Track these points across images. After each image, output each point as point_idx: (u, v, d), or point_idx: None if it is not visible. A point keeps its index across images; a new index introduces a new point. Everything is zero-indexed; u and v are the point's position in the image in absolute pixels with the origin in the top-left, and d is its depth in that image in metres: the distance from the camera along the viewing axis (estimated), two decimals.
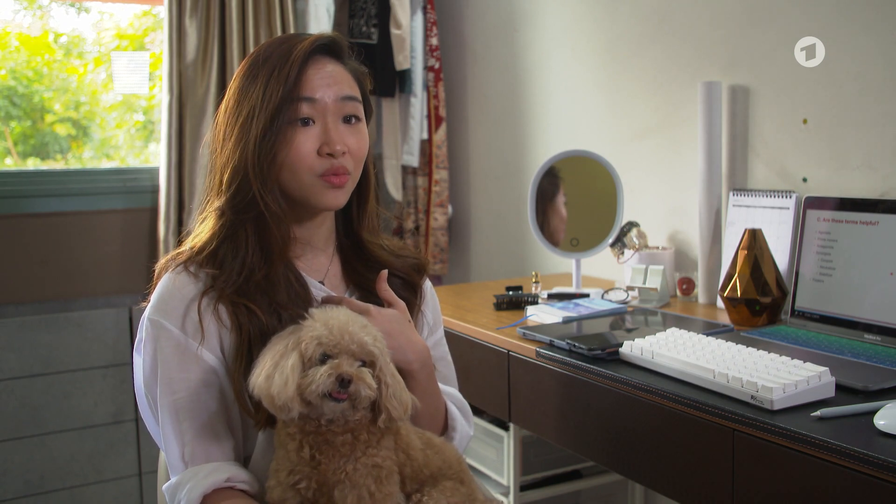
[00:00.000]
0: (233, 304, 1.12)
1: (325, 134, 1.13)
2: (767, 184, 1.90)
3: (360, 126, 1.18)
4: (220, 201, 1.16)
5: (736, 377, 1.23)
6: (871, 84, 1.67)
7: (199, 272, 1.14)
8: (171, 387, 1.11)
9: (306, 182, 1.14)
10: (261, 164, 1.11)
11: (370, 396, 1.01)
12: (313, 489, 1.02)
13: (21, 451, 2.62)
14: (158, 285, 1.16)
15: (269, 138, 1.11)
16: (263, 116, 1.10)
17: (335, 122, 1.14)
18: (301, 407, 1.00)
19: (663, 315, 1.77)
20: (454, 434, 1.27)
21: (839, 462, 1.03)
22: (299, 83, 1.12)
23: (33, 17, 2.82)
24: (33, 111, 2.83)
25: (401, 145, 2.94)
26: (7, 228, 2.58)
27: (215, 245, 1.15)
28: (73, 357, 2.67)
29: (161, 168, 2.66)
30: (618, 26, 2.30)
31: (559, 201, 2.10)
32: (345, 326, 1.02)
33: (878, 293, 1.50)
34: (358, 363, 1.02)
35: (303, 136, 1.12)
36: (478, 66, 2.93)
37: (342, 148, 1.14)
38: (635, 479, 1.41)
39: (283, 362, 1.00)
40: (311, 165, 1.13)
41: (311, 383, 0.98)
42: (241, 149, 1.12)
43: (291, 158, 1.12)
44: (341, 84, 1.16)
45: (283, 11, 2.73)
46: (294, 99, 1.12)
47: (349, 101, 1.16)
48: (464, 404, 1.35)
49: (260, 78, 1.13)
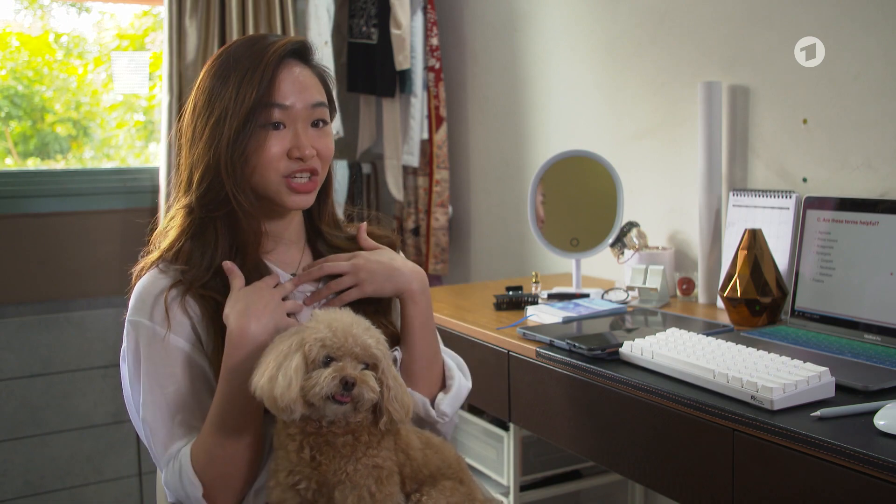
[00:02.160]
0: (201, 297, 1.16)
1: (295, 138, 1.18)
2: (767, 184, 1.90)
3: (327, 129, 1.24)
4: (187, 199, 1.20)
5: (736, 377, 1.23)
6: (871, 84, 1.67)
7: (168, 269, 1.19)
8: (159, 381, 1.14)
9: (273, 182, 1.18)
10: (233, 164, 1.15)
11: (373, 399, 1.01)
12: (313, 490, 1.03)
13: (21, 451, 2.62)
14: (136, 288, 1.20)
15: (242, 140, 1.15)
16: (236, 118, 1.14)
17: (304, 127, 1.19)
18: (304, 409, 1.00)
19: (663, 315, 1.77)
20: (451, 383, 1.29)
21: (839, 462, 1.03)
22: (272, 88, 1.16)
23: (34, 17, 2.82)
24: (33, 111, 2.83)
25: (401, 145, 2.94)
26: (7, 228, 2.58)
27: (184, 242, 1.20)
28: (72, 357, 2.67)
29: (161, 168, 2.66)
30: (618, 26, 2.30)
31: (537, 198, 2.09)
32: (348, 329, 1.03)
33: (878, 293, 1.49)
34: (361, 366, 1.02)
35: (273, 140, 1.17)
36: (478, 66, 2.93)
37: (311, 152, 1.18)
38: (635, 479, 1.41)
39: (287, 364, 1.00)
40: (278, 167, 1.17)
41: (314, 386, 0.99)
42: (214, 148, 1.15)
43: (262, 160, 1.16)
44: (311, 90, 1.20)
45: (283, 11, 2.73)
46: (266, 104, 1.16)
47: (318, 108, 1.21)
48: (459, 359, 1.37)
49: (232, 80, 1.16)
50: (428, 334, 1.27)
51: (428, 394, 1.26)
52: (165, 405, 1.14)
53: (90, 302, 2.71)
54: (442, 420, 1.25)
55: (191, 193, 1.19)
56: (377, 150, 3.06)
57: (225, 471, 1.10)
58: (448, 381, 1.29)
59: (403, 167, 3.00)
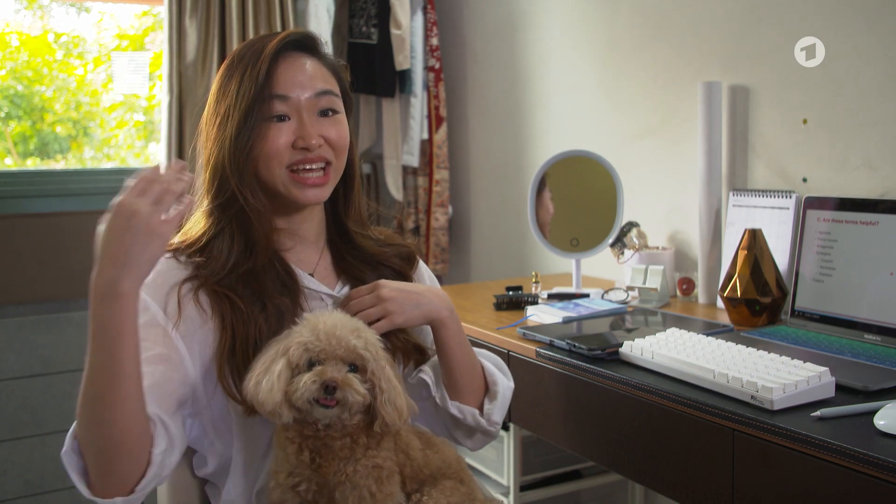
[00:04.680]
0: (215, 294, 1.13)
1: (300, 128, 1.15)
2: (767, 184, 1.90)
3: (339, 117, 1.20)
4: (207, 201, 1.19)
5: (736, 377, 1.23)
6: (871, 84, 1.67)
7: (187, 262, 1.16)
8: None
9: (279, 175, 1.16)
10: (236, 160, 1.13)
11: (360, 402, 1.01)
12: (314, 491, 1.03)
13: (21, 451, 2.62)
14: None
15: (244, 135, 1.13)
16: (237, 114, 1.13)
17: (310, 116, 1.16)
18: (291, 412, 1.00)
19: (663, 315, 1.77)
20: (497, 388, 1.26)
21: (839, 462, 1.03)
22: (270, 80, 1.14)
23: (33, 17, 2.82)
24: (33, 111, 2.83)
25: (401, 145, 2.94)
26: (7, 228, 2.58)
27: (205, 241, 1.18)
28: (73, 357, 2.67)
29: (161, 168, 2.66)
30: (618, 26, 2.30)
31: (546, 197, 2.09)
32: (332, 331, 1.02)
33: (878, 293, 1.49)
34: (347, 368, 1.02)
35: (276, 131, 1.14)
36: (478, 66, 2.93)
37: (318, 141, 1.15)
38: (635, 479, 1.41)
39: (272, 368, 1.01)
40: (282, 159, 1.15)
41: (296, 390, 0.99)
42: (219, 147, 1.15)
43: (266, 152, 1.14)
44: (315, 80, 1.17)
45: (283, 11, 2.73)
46: (266, 97, 1.14)
47: (325, 96, 1.17)
48: (497, 360, 1.33)
49: (234, 78, 1.15)
50: (464, 351, 1.24)
51: (475, 403, 1.25)
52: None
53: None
54: (494, 429, 1.24)
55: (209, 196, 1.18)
56: (377, 150, 3.06)
57: (91, 448, 1.04)
58: (492, 388, 1.27)
59: (403, 167, 3.00)
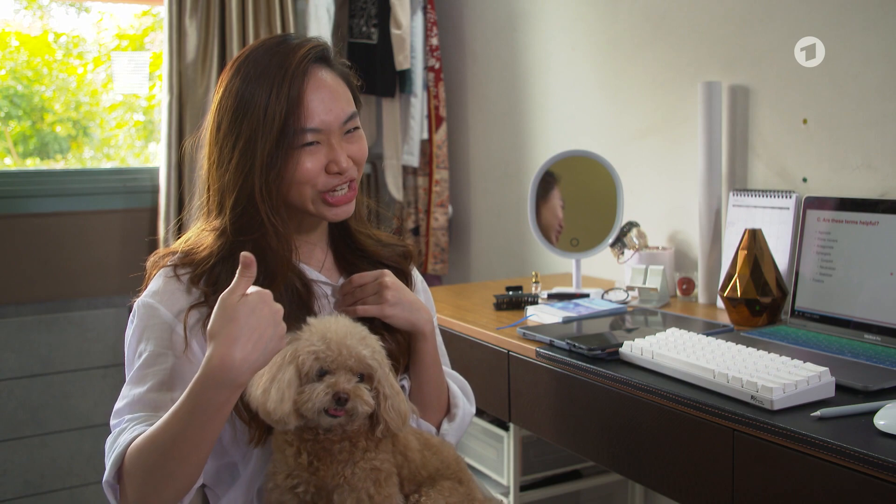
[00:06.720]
0: None
1: (331, 152, 1.15)
2: (767, 184, 1.90)
3: (360, 132, 1.22)
4: (219, 221, 1.16)
5: (736, 377, 1.22)
6: (871, 84, 1.67)
7: (189, 286, 1.14)
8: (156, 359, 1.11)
9: (309, 197, 1.16)
10: (269, 189, 1.12)
11: (367, 412, 1.01)
12: (312, 493, 1.02)
13: (21, 451, 2.62)
14: (154, 281, 1.16)
15: (275, 163, 1.11)
16: (268, 141, 1.11)
17: (339, 140, 1.17)
18: (298, 421, 1.00)
19: (663, 315, 1.77)
20: (456, 411, 1.30)
21: (839, 462, 1.03)
22: (301, 108, 1.12)
23: (33, 17, 2.82)
24: (33, 111, 2.83)
25: (401, 145, 2.94)
26: (7, 228, 2.58)
27: (212, 264, 1.15)
28: (72, 357, 2.67)
29: (161, 168, 2.66)
30: (618, 26, 2.29)
31: (555, 201, 2.09)
32: (343, 340, 1.01)
33: (878, 293, 1.49)
34: (355, 378, 1.01)
35: (309, 157, 1.14)
36: (478, 66, 2.92)
37: (348, 164, 1.17)
38: (635, 479, 1.41)
39: (280, 376, 0.99)
40: (316, 183, 1.15)
41: (307, 401, 0.98)
42: (246, 173, 1.12)
43: (298, 178, 1.14)
44: (341, 102, 1.17)
45: (283, 11, 2.73)
46: (299, 130, 1.12)
47: (350, 119, 1.19)
48: (464, 383, 1.37)
49: (258, 96, 1.11)
50: (437, 368, 1.27)
51: (434, 421, 1.28)
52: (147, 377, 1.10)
53: (90, 302, 2.71)
54: None
55: (223, 217, 1.15)
56: (377, 150, 3.06)
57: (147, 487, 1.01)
58: (453, 410, 1.30)
59: (403, 167, 3.00)
